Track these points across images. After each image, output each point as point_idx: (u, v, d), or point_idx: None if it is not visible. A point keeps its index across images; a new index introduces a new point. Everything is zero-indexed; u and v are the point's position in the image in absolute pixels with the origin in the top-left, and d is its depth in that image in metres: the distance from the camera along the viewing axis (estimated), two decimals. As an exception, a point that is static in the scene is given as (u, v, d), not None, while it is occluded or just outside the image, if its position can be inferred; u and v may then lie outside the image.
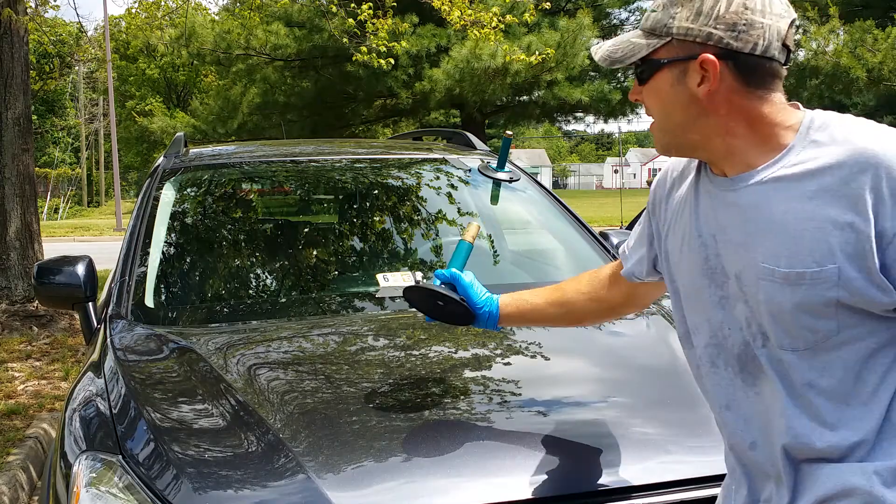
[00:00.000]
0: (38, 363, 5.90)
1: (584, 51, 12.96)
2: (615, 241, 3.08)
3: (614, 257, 2.88)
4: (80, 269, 2.53)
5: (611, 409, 1.92)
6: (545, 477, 1.59)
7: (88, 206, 44.49)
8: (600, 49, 1.31)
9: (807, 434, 1.20)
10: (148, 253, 2.62)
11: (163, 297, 2.48)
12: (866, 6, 15.74)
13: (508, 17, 7.95)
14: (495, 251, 3.14)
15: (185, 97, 42.19)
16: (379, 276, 2.52)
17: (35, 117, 28.28)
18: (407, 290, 1.87)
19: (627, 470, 1.64)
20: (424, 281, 2.49)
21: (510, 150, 3.30)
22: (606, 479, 1.61)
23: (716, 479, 1.65)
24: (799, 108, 1.26)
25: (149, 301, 2.44)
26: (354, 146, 4.02)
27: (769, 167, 1.22)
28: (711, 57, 1.19)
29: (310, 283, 2.71)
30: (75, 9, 12.89)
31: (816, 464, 1.21)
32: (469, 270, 1.83)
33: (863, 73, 12.57)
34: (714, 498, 1.63)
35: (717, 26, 1.19)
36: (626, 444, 1.72)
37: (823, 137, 1.19)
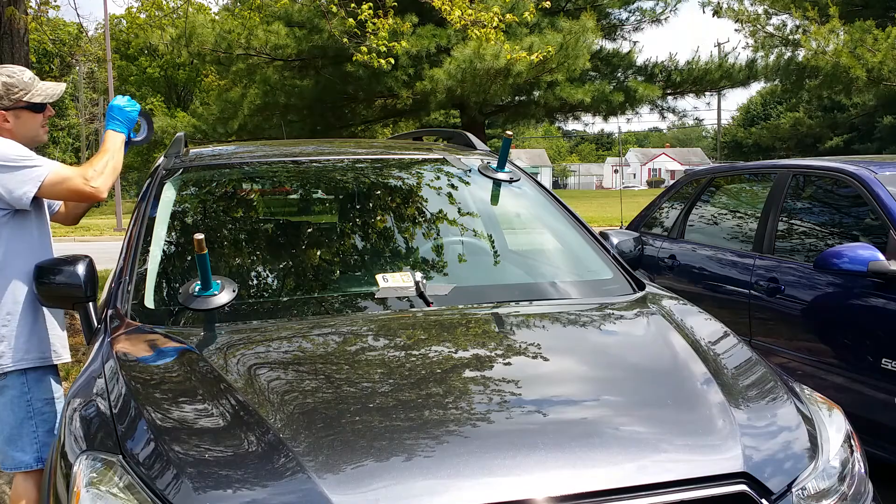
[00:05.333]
0: (38, 363, 5.88)
1: (587, 53, 12.96)
2: (615, 240, 3.07)
3: (614, 257, 2.88)
4: (81, 268, 2.53)
5: (611, 409, 1.93)
6: (545, 477, 1.60)
7: (89, 206, 44.44)
8: None
9: None
10: (148, 253, 2.62)
11: (163, 297, 2.49)
12: (866, 6, 15.75)
13: (508, 17, 7.94)
14: (495, 251, 3.14)
15: (185, 96, 42.18)
16: (378, 277, 2.52)
17: (35, 117, 27.98)
18: None
19: (628, 470, 1.64)
20: (424, 281, 2.50)
21: (510, 150, 3.30)
22: (608, 480, 1.61)
23: (715, 479, 1.66)
24: None
25: (149, 301, 2.44)
26: (354, 146, 4.01)
27: None
28: None
29: (310, 283, 2.71)
30: (75, 9, 12.90)
31: None
32: None
33: (863, 73, 12.57)
34: (712, 498, 1.64)
35: None
36: (626, 445, 1.73)
37: None
